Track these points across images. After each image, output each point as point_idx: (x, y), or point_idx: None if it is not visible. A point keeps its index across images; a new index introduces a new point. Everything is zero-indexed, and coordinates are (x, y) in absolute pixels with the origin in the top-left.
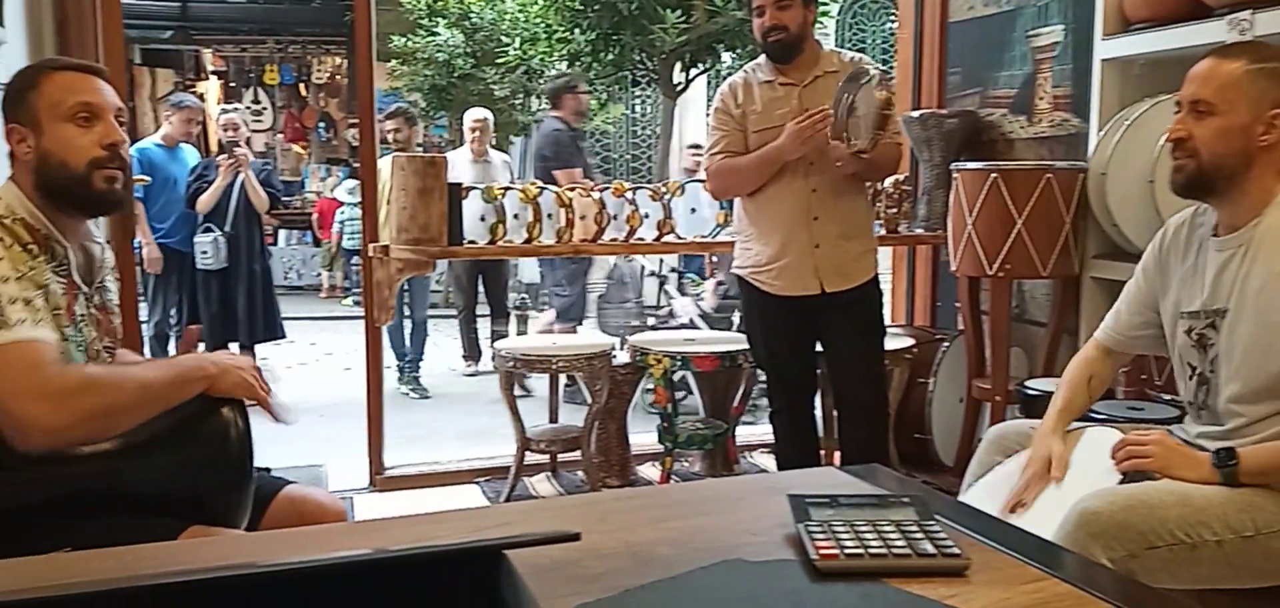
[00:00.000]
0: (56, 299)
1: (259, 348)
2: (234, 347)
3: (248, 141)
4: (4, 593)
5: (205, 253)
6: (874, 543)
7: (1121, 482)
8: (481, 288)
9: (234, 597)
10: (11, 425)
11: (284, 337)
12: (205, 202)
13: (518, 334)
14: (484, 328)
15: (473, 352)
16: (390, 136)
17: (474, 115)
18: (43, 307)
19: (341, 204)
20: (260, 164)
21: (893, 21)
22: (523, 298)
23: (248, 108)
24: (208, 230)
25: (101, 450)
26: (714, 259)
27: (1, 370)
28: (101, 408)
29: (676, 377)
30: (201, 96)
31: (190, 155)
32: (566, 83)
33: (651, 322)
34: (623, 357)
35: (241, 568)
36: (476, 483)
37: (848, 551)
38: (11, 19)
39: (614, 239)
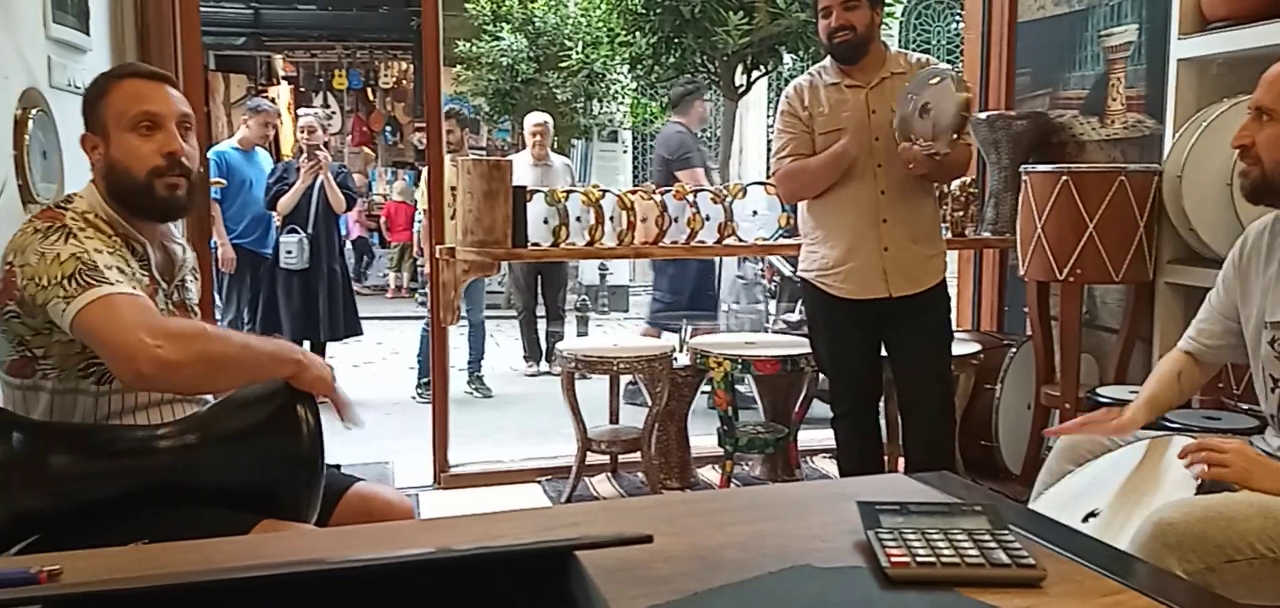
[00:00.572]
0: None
1: (333, 346)
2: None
3: (326, 145)
4: (84, 585)
5: (289, 252)
6: (946, 552)
7: (1197, 492)
8: (541, 290)
9: (307, 592)
10: (125, 355)
11: (362, 333)
12: (286, 203)
13: (578, 336)
14: (542, 329)
15: (533, 353)
16: (445, 139)
17: (534, 120)
18: (134, 276)
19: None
20: (337, 166)
21: (958, 22)
22: (583, 300)
23: (317, 112)
24: (293, 231)
25: (180, 444)
26: (772, 262)
27: (111, 316)
28: (208, 354)
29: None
30: (273, 100)
31: (264, 159)
32: (694, 89)
33: (780, 327)
34: (683, 359)
35: (323, 565)
36: (538, 482)
37: (919, 559)
38: (96, 29)
39: (675, 241)
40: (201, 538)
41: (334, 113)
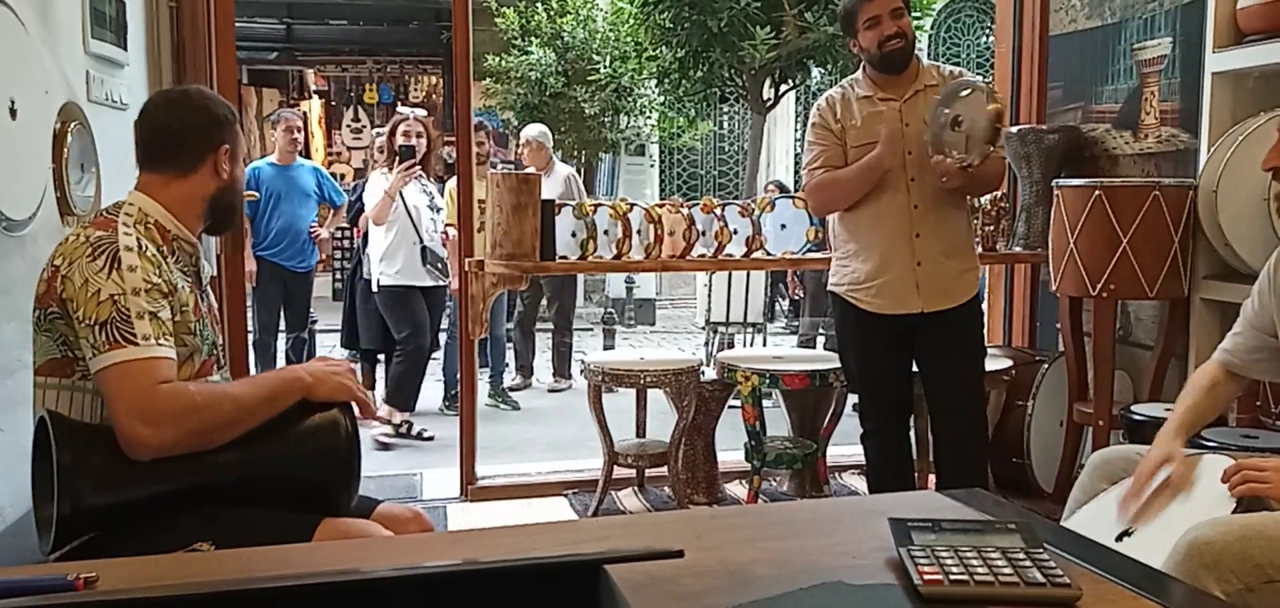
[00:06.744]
0: (185, 297)
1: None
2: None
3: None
4: (118, 592)
5: None
6: (980, 570)
7: (1235, 511)
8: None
9: (336, 601)
10: (123, 436)
11: (439, 347)
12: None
13: (605, 349)
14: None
15: (524, 368)
16: (475, 151)
17: (528, 133)
18: (168, 319)
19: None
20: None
21: (988, 35)
22: (609, 313)
23: (348, 126)
24: None
25: (223, 458)
26: (797, 277)
27: (120, 387)
28: (200, 428)
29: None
30: (304, 115)
31: (304, 173)
32: None
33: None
34: (711, 373)
35: (353, 575)
36: (564, 495)
37: (953, 577)
38: (133, 44)
39: (702, 255)
40: (250, 537)
41: (364, 127)
